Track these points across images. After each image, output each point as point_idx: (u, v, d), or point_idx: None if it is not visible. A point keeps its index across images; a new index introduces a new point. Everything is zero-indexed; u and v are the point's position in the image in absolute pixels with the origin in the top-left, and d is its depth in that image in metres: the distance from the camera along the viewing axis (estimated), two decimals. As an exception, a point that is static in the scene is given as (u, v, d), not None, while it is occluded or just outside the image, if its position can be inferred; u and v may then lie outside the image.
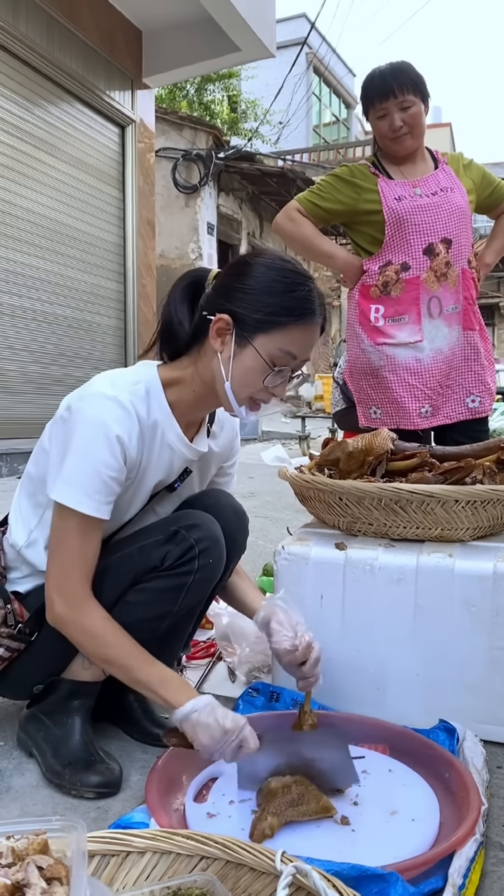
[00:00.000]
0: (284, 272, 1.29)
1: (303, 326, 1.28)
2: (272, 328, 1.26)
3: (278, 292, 1.27)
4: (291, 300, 1.27)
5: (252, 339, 1.27)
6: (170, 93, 15.10)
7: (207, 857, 0.95)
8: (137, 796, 1.30)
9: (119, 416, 1.26)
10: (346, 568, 1.57)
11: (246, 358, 1.28)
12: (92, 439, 1.24)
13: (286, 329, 1.26)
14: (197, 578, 1.35)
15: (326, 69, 19.64)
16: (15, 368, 5.33)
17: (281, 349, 1.27)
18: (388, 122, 2.23)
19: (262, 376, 1.28)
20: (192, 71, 6.94)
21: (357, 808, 1.19)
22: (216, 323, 1.28)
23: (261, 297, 1.26)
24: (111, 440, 1.24)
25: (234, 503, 1.56)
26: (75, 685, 1.41)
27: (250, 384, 1.29)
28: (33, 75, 5.46)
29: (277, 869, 0.89)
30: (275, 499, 4.44)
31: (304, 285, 1.28)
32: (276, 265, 1.30)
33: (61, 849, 0.87)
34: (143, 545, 1.35)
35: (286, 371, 1.30)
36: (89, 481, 1.24)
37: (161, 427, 1.34)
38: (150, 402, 1.32)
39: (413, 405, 2.28)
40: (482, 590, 1.48)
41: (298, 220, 2.34)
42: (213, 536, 1.37)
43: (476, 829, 1.09)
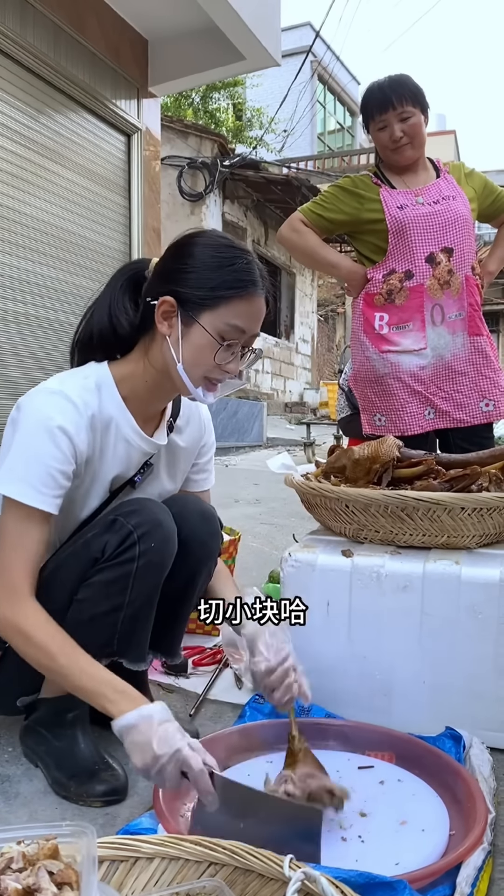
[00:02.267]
0: (221, 248, 1.30)
1: (247, 299, 1.28)
2: (216, 303, 1.26)
3: (217, 267, 1.27)
4: (231, 273, 1.27)
5: (198, 317, 1.27)
6: (175, 101, 15.18)
7: (216, 863, 0.96)
8: (145, 802, 1.30)
9: (64, 408, 1.26)
10: (352, 575, 1.57)
11: (194, 336, 1.28)
12: (35, 431, 1.24)
13: (230, 303, 1.27)
14: (141, 564, 1.30)
15: (331, 77, 19.72)
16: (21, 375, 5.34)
17: (227, 323, 1.27)
18: (389, 134, 2.25)
19: (213, 353, 1.28)
20: (198, 80, 6.97)
21: (367, 818, 1.19)
22: (160, 306, 1.29)
23: (201, 274, 1.27)
24: (54, 431, 1.23)
25: (202, 507, 1.52)
26: (62, 700, 1.37)
27: (202, 362, 1.29)
28: (40, 84, 5.49)
29: (286, 875, 0.89)
30: (280, 505, 4.45)
31: (241, 258, 1.29)
32: (213, 242, 1.31)
33: (71, 854, 0.88)
34: (86, 539, 1.32)
35: (236, 346, 1.30)
36: (32, 472, 1.22)
37: (115, 420, 1.34)
38: (101, 395, 1.32)
39: (417, 410, 2.29)
40: (488, 597, 1.48)
41: (302, 231, 2.36)
42: (154, 519, 1.33)
43: (484, 838, 1.09)
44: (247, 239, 12.65)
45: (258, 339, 1.37)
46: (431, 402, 2.29)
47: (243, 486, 5.60)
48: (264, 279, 1.32)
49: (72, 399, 1.27)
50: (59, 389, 1.28)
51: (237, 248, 1.31)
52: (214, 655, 1.97)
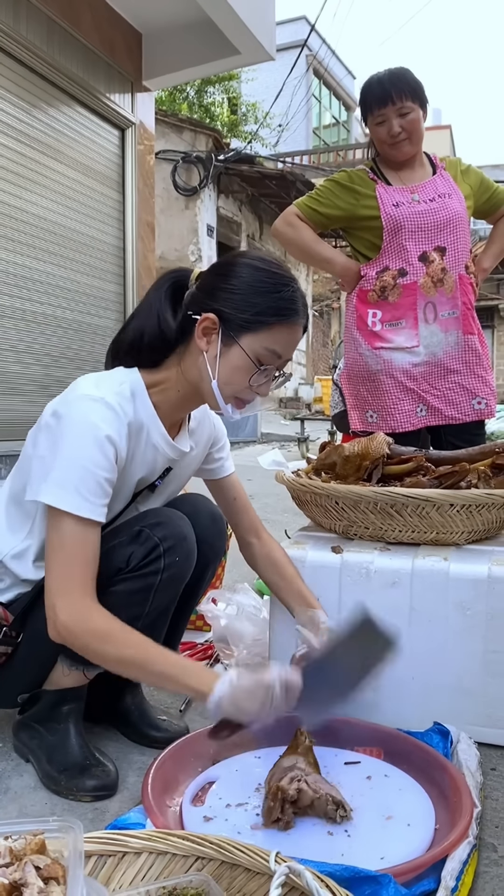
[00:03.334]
0: (270, 273, 1.31)
1: (288, 326, 1.31)
2: (259, 328, 1.28)
3: (264, 292, 1.29)
4: (277, 300, 1.29)
5: (238, 338, 1.28)
6: (170, 95, 15.13)
7: (203, 858, 0.97)
8: (135, 797, 1.31)
9: (107, 416, 1.26)
10: (342, 571, 1.58)
11: (232, 357, 1.29)
12: (82, 441, 1.23)
13: (272, 329, 1.29)
14: (164, 578, 1.34)
15: (326, 71, 19.67)
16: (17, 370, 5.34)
17: (267, 348, 1.29)
18: (387, 129, 2.24)
19: (249, 375, 1.30)
20: (192, 74, 6.95)
21: (353, 813, 1.20)
22: (202, 322, 1.30)
23: (247, 297, 1.28)
24: (101, 441, 1.24)
25: (212, 508, 1.55)
26: (60, 693, 1.40)
27: (236, 382, 1.31)
28: (33, 78, 5.47)
29: (271, 869, 0.90)
30: (273, 501, 4.46)
31: (289, 286, 1.31)
32: (262, 266, 1.32)
33: (58, 849, 0.89)
34: (110, 547, 1.32)
35: (271, 370, 1.33)
36: (83, 483, 1.22)
37: (147, 427, 1.35)
38: (136, 403, 1.33)
39: (409, 407, 2.30)
40: (477, 593, 1.49)
41: (297, 226, 2.36)
42: (179, 534, 1.36)
43: (469, 832, 1.10)
44: (241, 233, 12.63)
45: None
46: (424, 399, 2.30)
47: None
48: (305, 308, 1.35)
49: (113, 407, 1.27)
50: (101, 396, 1.27)
51: (284, 274, 1.32)
52: (206, 651, 1.98)
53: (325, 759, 1.33)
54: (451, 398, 2.31)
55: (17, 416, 5.07)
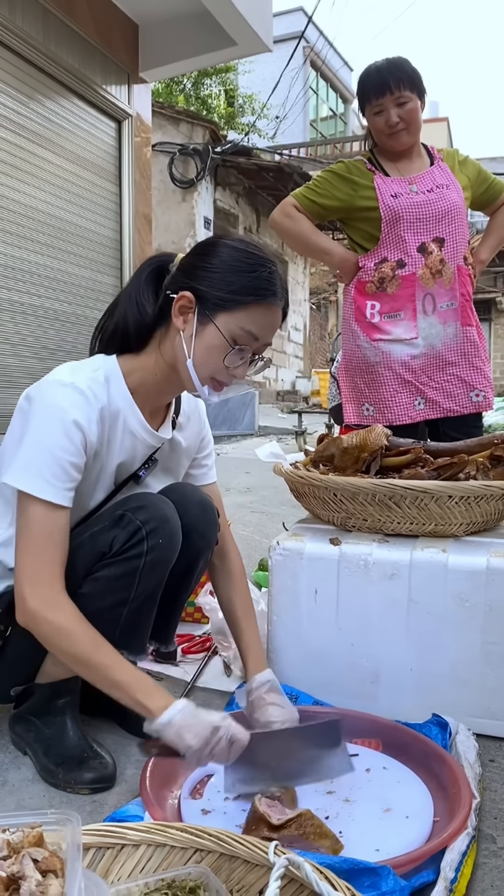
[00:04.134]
0: (248, 253, 1.31)
1: (264, 307, 1.30)
2: (234, 307, 1.28)
3: (241, 271, 1.28)
4: (254, 280, 1.28)
5: (214, 317, 1.28)
6: (167, 87, 15.07)
7: (201, 850, 0.96)
8: (133, 790, 1.31)
9: (77, 401, 1.25)
10: (340, 563, 1.58)
11: (207, 335, 1.29)
12: (49, 425, 1.23)
13: (248, 308, 1.28)
14: (148, 561, 1.31)
15: (324, 63, 19.59)
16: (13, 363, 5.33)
17: (242, 328, 1.28)
18: (385, 118, 2.22)
19: (223, 354, 1.29)
20: (189, 65, 6.91)
21: (351, 805, 1.20)
22: (179, 301, 1.30)
23: (224, 276, 1.28)
24: (68, 424, 1.23)
25: (201, 497, 1.52)
26: (54, 686, 1.40)
27: (211, 362, 1.30)
28: (29, 69, 5.44)
29: (270, 861, 0.90)
30: (271, 494, 4.45)
31: (265, 267, 1.30)
32: (240, 246, 1.32)
33: (56, 841, 0.88)
34: (92, 532, 1.32)
35: (247, 351, 1.31)
36: (47, 467, 1.21)
37: (123, 413, 1.34)
38: (110, 388, 1.32)
39: (407, 399, 2.29)
40: (475, 585, 1.49)
41: (295, 217, 2.34)
42: (162, 516, 1.34)
43: (468, 824, 1.10)
44: (238, 226, 12.60)
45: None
46: (422, 392, 2.29)
47: (235, 474, 5.60)
48: (284, 292, 1.34)
49: (83, 391, 1.27)
50: (71, 381, 1.27)
51: (262, 255, 1.32)
52: (204, 643, 1.98)
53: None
54: (449, 390, 2.30)
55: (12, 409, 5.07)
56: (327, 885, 0.84)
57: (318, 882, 0.83)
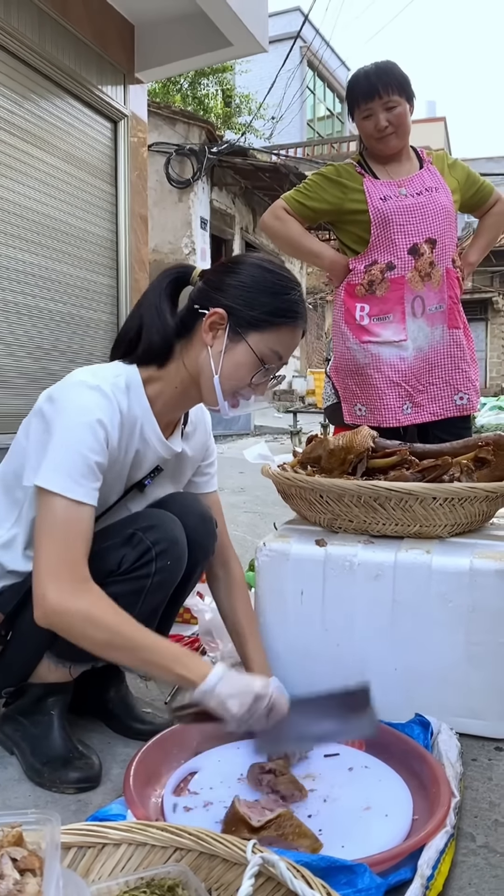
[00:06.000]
0: (279, 276, 1.34)
1: (292, 329, 1.34)
2: (266, 327, 1.31)
3: (273, 293, 1.32)
4: (286, 302, 1.32)
5: (246, 335, 1.31)
6: (163, 87, 15.07)
7: (181, 849, 0.98)
8: (118, 789, 1.32)
9: (101, 402, 1.27)
10: (325, 564, 1.59)
11: (238, 353, 1.31)
12: (76, 424, 1.24)
13: (279, 329, 1.32)
14: (155, 581, 1.34)
15: (321, 63, 19.60)
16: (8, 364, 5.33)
17: (271, 349, 1.32)
18: (374, 123, 2.24)
19: (252, 373, 1.32)
20: (185, 66, 6.92)
21: (330, 804, 1.22)
22: (210, 317, 1.31)
23: (257, 296, 1.31)
24: (93, 424, 1.24)
25: (201, 508, 1.53)
26: (45, 687, 1.41)
27: (239, 379, 1.33)
28: (25, 70, 5.44)
29: (248, 860, 0.91)
30: (264, 494, 4.46)
31: (295, 290, 1.35)
32: (271, 267, 1.35)
33: (36, 841, 0.90)
34: (100, 548, 1.30)
35: (272, 370, 1.36)
36: (75, 466, 1.22)
37: (140, 421, 1.35)
38: (130, 395, 1.33)
39: (396, 403, 2.30)
40: (459, 586, 1.50)
41: (285, 219, 2.35)
42: (172, 537, 1.36)
43: (447, 822, 1.11)
44: (235, 226, 12.60)
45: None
46: (410, 396, 2.30)
47: (229, 474, 5.61)
48: (306, 313, 1.39)
49: (107, 394, 1.28)
50: (96, 384, 1.28)
51: (291, 278, 1.36)
52: (192, 644, 1.99)
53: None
54: (434, 394, 2.32)
55: (8, 410, 5.07)
56: (302, 882, 0.85)
57: (293, 880, 0.85)
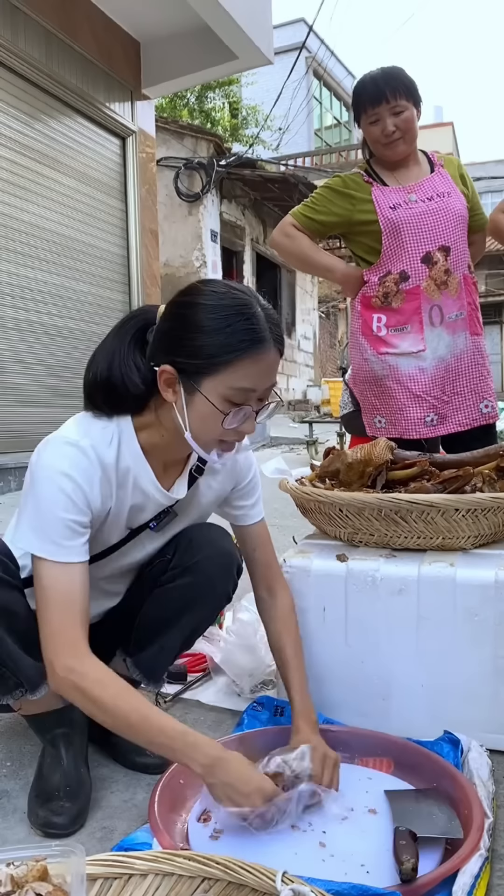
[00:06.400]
0: (217, 308, 1.18)
1: (250, 358, 1.17)
2: (216, 369, 1.17)
3: (214, 331, 1.16)
4: (229, 336, 1.16)
5: (199, 386, 1.18)
6: (170, 102, 15.17)
7: (209, 878, 0.96)
8: (143, 815, 1.29)
9: (77, 460, 1.20)
10: (347, 580, 1.57)
11: (198, 405, 1.19)
12: (48, 487, 1.19)
13: (232, 366, 1.16)
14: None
15: (326, 72, 19.67)
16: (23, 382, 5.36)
17: (232, 387, 1.18)
18: (381, 128, 2.22)
19: (219, 421, 1.19)
20: (191, 80, 6.98)
21: (352, 825, 1.19)
22: (161, 375, 1.21)
23: (198, 341, 1.17)
24: (66, 486, 1.18)
25: (221, 543, 1.45)
26: (37, 719, 1.38)
27: (209, 431, 1.21)
28: (33, 90, 5.50)
29: (277, 889, 0.89)
30: (282, 506, 4.43)
31: (241, 315, 1.17)
32: (210, 302, 1.18)
33: (61, 873, 0.88)
34: None
35: (247, 408, 1.21)
36: (53, 529, 1.18)
37: (132, 472, 1.29)
38: (121, 447, 1.26)
39: (417, 414, 2.26)
40: (485, 598, 1.47)
41: (294, 236, 2.33)
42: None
43: (480, 845, 1.08)
44: (245, 238, 12.64)
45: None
46: (433, 406, 2.26)
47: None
48: (274, 328, 1.21)
49: (85, 451, 1.22)
50: (75, 440, 1.22)
51: (237, 304, 1.18)
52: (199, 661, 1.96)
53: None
54: (459, 403, 2.27)
55: (23, 428, 5.09)
56: (334, 914, 0.83)
57: (325, 912, 0.82)
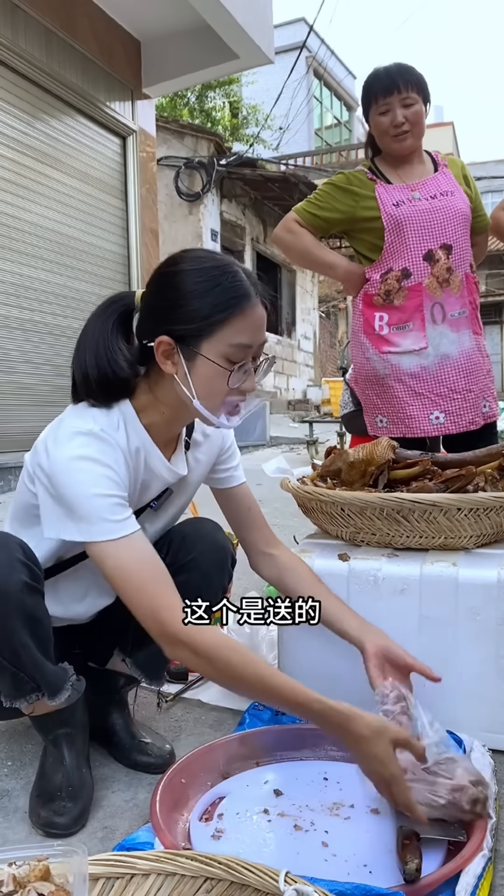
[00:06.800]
0: (202, 271, 1.23)
1: (242, 314, 1.22)
2: (213, 330, 1.21)
3: (204, 293, 1.21)
4: (219, 295, 1.21)
5: (199, 349, 1.22)
6: (171, 101, 15.17)
7: (212, 878, 0.95)
8: (144, 815, 1.29)
9: (98, 447, 1.21)
10: (349, 579, 1.56)
11: (201, 369, 1.23)
12: (78, 475, 1.19)
13: (226, 324, 1.21)
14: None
15: (326, 72, 19.67)
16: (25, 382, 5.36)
17: (230, 345, 1.22)
18: (391, 118, 2.21)
19: (225, 379, 1.23)
20: (192, 80, 6.97)
21: (355, 827, 1.19)
22: (159, 347, 1.23)
23: (190, 306, 1.21)
24: (96, 470, 1.19)
25: (215, 537, 1.48)
26: (39, 720, 1.36)
27: (217, 391, 1.24)
28: (34, 89, 5.49)
29: (280, 889, 0.88)
30: (283, 506, 4.43)
31: (226, 274, 1.22)
32: (193, 266, 1.24)
33: (63, 873, 0.88)
34: None
35: (247, 364, 1.25)
36: (102, 508, 1.18)
37: (143, 452, 1.31)
38: (128, 430, 1.29)
39: (421, 413, 2.26)
40: (487, 598, 1.47)
41: (297, 232, 2.33)
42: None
43: (483, 845, 1.08)
44: (245, 237, 12.64)
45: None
46: (437, 403, 2.26)
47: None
48: (256, 285, 1.26)
49: (103, 438, 1.23)
50: (88, 429, 1.22)
51: (219, 264, 1.24)
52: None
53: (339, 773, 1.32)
54: (472, 401, 2.27)
55: (24, 427, 5.09)
56: (338, 915, 0.83)
57: (328, 912, 0.82)
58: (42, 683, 1.27)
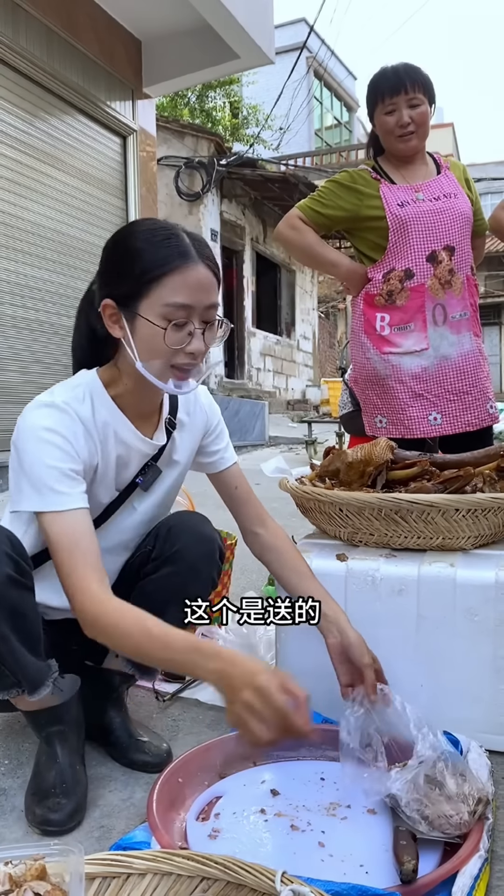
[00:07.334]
0: (143, 232, 1.26)
1: (178, 272, 1.22)
2: (147, 289, 1.22)
3: (141, 251, 1.23)
4: (153, 253, 1.23)
5: (137, 309, 1.24)
6: (171, 101, 15.17)
7: (208, 878, 0.95)
8: (141, 814, 1.29)
9: (57, 417, 1.25)
10: (347, 579, 1.56)
11: (141, 330, 1.25)
12: (34, 444, 1.23)
13: (161, 282, 1.22)
14: None
15: (327, 72, 19.67)
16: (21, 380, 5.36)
17: (167, 304, 1.22)
18: (397, 118, 2.21)
19: (162, 339, 1.23)
20: (192, 79, 6.97)
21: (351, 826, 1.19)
22: (104, 311, 1.28)
23: (125, 267, 1.24)
24: (50, 439, 1.23)
25: (201, 528, 1.49)
26: (32, 716, 1.37)
27: (157, 353, 1.25)
28: (34, 88, 5.49)
29: (277, 889, 0.88)
30: (281, 506, 4.43)
31: (166, 237, 1.24)
32: (132, 231, 1.29)
33: (59, 872, 0.88)
34: None
35: (187, 324, 1.24)
36: (49, 477, 1.21)
37: (111, 425, 1.34)
38: (94, 402, 1.32)
39: (420, 413, 2.26)
40: (485, 599, 1.47)
41: (300, 229, 2.33)
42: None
43: (480, 846, 1.08)
44: (245, 237, 12.63)
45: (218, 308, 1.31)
46: (435, 405, 2.25)
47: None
48: (201, 249, 1.26)
49: (62, 408, 1.27)
50: (50, 401, 1.27)
51: (161, 228, 1.27)
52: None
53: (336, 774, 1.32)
54: (470, 403, 2.27)
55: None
56: (334, 915, 0.83)
57: (324, 912, 0.82)
58: (22, 678, 1.26)
